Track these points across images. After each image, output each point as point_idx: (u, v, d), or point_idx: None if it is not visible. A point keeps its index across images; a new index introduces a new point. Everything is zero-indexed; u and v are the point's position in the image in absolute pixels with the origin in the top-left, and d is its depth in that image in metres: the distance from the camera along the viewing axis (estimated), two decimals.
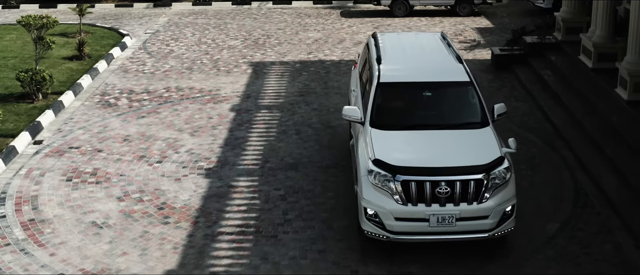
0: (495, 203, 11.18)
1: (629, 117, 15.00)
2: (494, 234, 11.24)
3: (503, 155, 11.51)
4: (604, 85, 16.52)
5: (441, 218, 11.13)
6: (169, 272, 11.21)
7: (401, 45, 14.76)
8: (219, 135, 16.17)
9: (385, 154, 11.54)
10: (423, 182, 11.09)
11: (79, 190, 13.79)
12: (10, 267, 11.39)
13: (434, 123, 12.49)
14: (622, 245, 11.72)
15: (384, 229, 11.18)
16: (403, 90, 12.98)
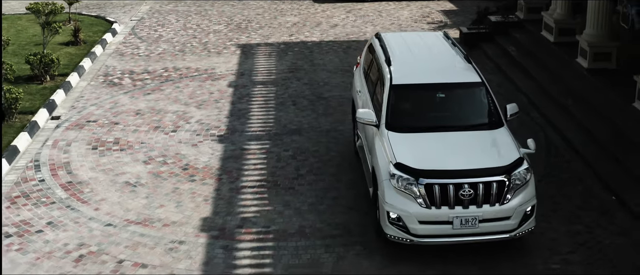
0: (517, 204, 11.27)
1: (589, 83, 17.01)
2: (515, 234, 11.36)
3: (522, 156, 11.65)
4: (565, 57, 18.50)
5: (464, 220, 11.18)
6: (205, 219, 12.84)
7: (407, 46, 14.58)
8: (222, 107, 17.76)
9: (407, 158, 11.53)
10: (446, 185, 11.14)
11: (106, 156, 15.30)
12: (61, 220, 12.90)
13: (449, 124, 12.51)
14: (592, 186, 13.68)
15: (407, 232, 11.26)
16: (416, 92, 12.95)
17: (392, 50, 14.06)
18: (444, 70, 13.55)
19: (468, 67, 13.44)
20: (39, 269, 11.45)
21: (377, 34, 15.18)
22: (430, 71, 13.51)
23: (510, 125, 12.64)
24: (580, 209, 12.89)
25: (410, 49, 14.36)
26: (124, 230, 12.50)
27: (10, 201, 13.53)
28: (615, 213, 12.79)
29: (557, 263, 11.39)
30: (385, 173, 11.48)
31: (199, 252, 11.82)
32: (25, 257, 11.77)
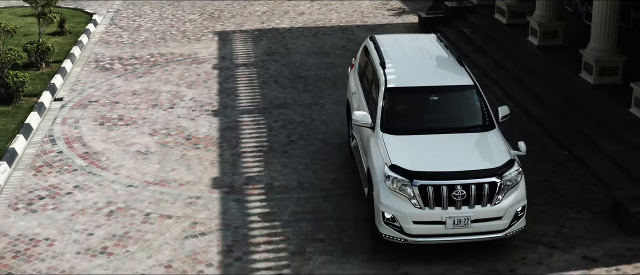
0: (508, 204, 11.61)
1: (540, 58, 19.22)
2: (506, 233, 11.72)
3: (513, 158, 12.01)
4: (517, 37, 20.70)
5: (457, 220, 11.51)
6: (215, 178, 14.67)
7: (402, 48, 14.89)
8: (211, 87, 19.55)
9: (401, 159, 11.85)
10: (439, 186, 11.46)
11: (114, 130, 17.00)
12: (86, 184, 14.61)
13: (443, 127, 12.85)
14: (548, 145, 15.84)
15: (402, 232, 11.59)
16: (410, 94, 13.28)
17: (387, 52, 14.37)
18: (437, 73, 13.94)
19: (460, 70, 13.78)
20: (76, 223, 13.16)
21: (372, 36, 15.50)
22: (424, 74, 13.84)
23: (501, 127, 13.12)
24: (539, 163, 15.00)
25: (404, 52, 14.66)
26: (145, 190, 14.27)
27: (35, 170, 15.17)
28: (567, 165, 14.94)
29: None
30: (380, 174, 11.79)
31: (215, 205, 13.65)
32: (61, 215, 13.46)
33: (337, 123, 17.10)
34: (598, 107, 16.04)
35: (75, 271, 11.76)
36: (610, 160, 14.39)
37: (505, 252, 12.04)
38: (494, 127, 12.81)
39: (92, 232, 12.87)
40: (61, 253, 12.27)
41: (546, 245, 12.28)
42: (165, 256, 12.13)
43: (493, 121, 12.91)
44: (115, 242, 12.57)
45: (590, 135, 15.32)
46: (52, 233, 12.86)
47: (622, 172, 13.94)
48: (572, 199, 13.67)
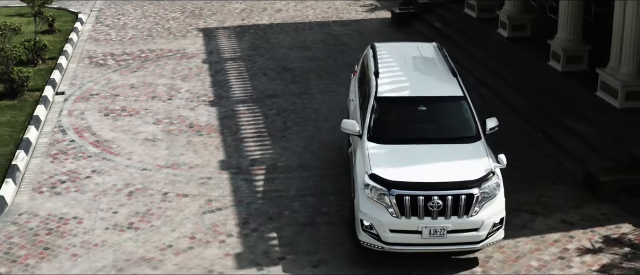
0: (485, 216, 11.66)
1: (510, 49, 20.79)
2: (483, 245, 11.86)
3: (493, 170, 12.06)
4: (488, 30, 22.26)
5: (433, 230, 11.58)
6: (222, 161, 15.93)
7: (398, 57, 15.21)
8: (204, 80, 20.77)
9: (381, 169, 12.00)
10: (416, 196, 11.57)
11: (119, 121, 18.15)
12: (103, 168, 15.77)
13: (429, 137, 12.97)
14: (522, 127, 17.37)
15: (379, 240, 11.74)
16: (399, 104, 13.44)
17: (383, 61, 14.71)
18: (428, 83, 14.10)
19: (452, 80, 13.91)
20: (100, 203, 14.34)
21: (372, 44, 15.82)
22: (415, 84, 14.02)
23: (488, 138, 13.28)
24: (515, 143, 16.49)
25: (400, 61, 14.98)
26: (159, 172, 15.49)
27: (52, 157, 16.28)
28: (541, 144, 16.49)
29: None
30: (361, 182, 11.97)
31: (226, 184, 14.93)
32: (85, 196, 14.63)
33: (326, 110, 18.45)
34: (567, 92, 17.62)
35: (108, 244, 12.94)
36: (580, 138, 15.94)
37: None
38: (480, 139, 12.88)
39: (116, 210, 14.05)
40: (91, 229, 13.44)
41: (528, 212, 13.77)
42: (188, 229, 13.37)
43: (479, 132, 12.97)
44: (139, 218, 13.77)
45: (561, 117, 16.87)
46: (79, 212, 14.02)
47: (591, 149, 15.50)
48: (548, 173, 15.20)
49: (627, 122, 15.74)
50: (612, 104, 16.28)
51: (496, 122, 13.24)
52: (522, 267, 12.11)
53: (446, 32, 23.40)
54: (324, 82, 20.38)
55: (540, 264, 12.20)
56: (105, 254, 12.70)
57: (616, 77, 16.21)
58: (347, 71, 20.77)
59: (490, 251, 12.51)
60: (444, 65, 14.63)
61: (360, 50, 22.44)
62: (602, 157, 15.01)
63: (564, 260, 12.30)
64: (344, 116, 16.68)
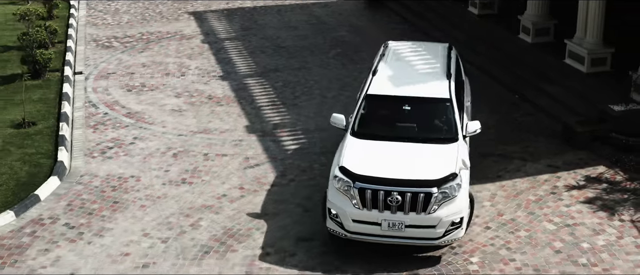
0: (443, 215, 12.09)
1: (481, 25, 23.35)
2: (441, 241, 12.28)
3: (457, 171, 12.44)
4: (458, 9, 24.76)
5: (392, 224, 12.13)
6: (247, 126, 18.04)
7: (402, 56, 15.80)
8: (209, 58, 22.79)
9: (351, 163, 12.68)
10: (377, 190, 12.17)
11: (143, 95, 20.10)
12: (143, 135, 17.74)
13: (408, 136, 13.45)
14: (500, 91, 19.91)
15: (343, 228, 12.41)
16: (386, 102, 14.00)
17: (387, 60, 15.45)
18: (419, 83, 14.43)
19: (444, 82, 14.35)
20: (150, 164, 16.35)
21: (385, 43, 16.61)
22: (405, 84, 14.41)
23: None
24: (497, 105, 19.02)
25: (403, 60, 15.60)
26: (194, 137, 17.56)
27: (92, 128, 18.18)
28: (520, 104, 19.06)
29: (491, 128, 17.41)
30: (332, 174, 12.73)
31: (257, 144, 17.09)
32: (134, 159, 16.63)
33: (326, 82, 20.69)
34: (538, 60, 20.24)
35: (169, 196, 15.02)
36: (553, 99, 18.54)
37: (491, 164, 15.96)
38: (457, 141, 13.32)
39: (167, 169, 16.12)
40: (150, 185, 15.49)
41: (519, 159, 16.28)
42: (235, 182, 15.52)
43: (458, 134, 13.43)
44: (190, 174, 15.86)
45: (534, 81, 19.47)
46: (135, 172, 16.04)
47: (564, 107, 18.10)
48: (530, 127, 17.76)
49: (594, 84, 18.41)
50: (580, 69, 18.93)
51: (478, 125, 13.75)
52: (523, 201, 14.60)
53: (420, 12, 25.79)
54: (317, 57, 22.61)
55: (537, 198, 14.71)
56: (170, 204, 14.77)
57: (582, 46, 18.86)
58: (335, 48, 23.13)
59: (494, 190, 14.98)
60: (443, 67, 15.09)
61: (342, 28, 24.95)
62: (574, 114, 17.60)
63: (555, 194, 14.84)
64: (343, 87, 19.04)
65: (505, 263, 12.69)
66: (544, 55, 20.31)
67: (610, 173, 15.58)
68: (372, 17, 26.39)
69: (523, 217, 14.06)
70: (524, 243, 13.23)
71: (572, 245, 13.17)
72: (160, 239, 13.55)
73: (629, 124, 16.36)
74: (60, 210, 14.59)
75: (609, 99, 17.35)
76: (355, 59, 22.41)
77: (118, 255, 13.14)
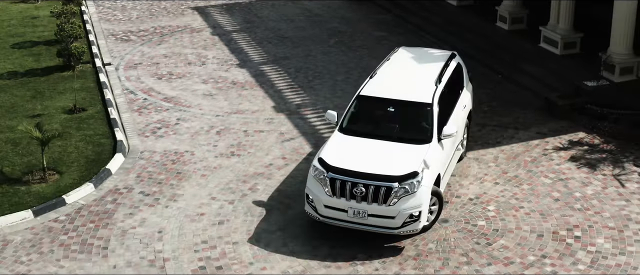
0: (401, 208, 13.11)
1: (460, 15, 25.79)
2: (399, 231, 13.33)
3: (419, 170, 13.37)
4: (439, 1, 27.17)
5: (356, 211, 13.29)
6: (274, 106, 20.14)
7: (404, 61, 16.64)
8: (222, 48, 24.81)
9: (329, 155, 13.90)
10: (345, 181, 13.37)
11: (173, 82, 22.07)
12: (184, 116, 19.72)
13: (388, 135, 14.37)
14: (485, 72, 22.39)
15: (316, 212, 13.68)
16: (374, 103, 14.90)
17: (389, 64, 16.34)
18: (407, 88, 15.20)
19: (430, 88, 15.01)
20: (199, 141, 18.38)
21: (395, 48, 17.48)
22: (395, 87, 15.22)
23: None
24: (484, 84, 21.42)
25: (402, 65, 16.43)
26: (230, 117, 19.64)
27: (137, 112, 20.11)
28: (504, 83, 21.56)
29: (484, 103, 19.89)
30: (312, 164, 14.11)
31: (287, 122, 19.22)
32: (183, 137, 18.65)
33: (333, 67, 22.89)
34: (515, 45, 22.78)
35: (224, 166, 17.12)
36: (533, 77, 21.07)
37: (489, 133, 18.38)
38: (430, 142, 14.19)
39: (215, 144, 18.20)
40: (204, 158, 17.57)
41: (512, 128, 18.76)
42: (277, 153, 17.69)
43: (432, 137, 14.26)
44: (236, 148, 17.97)
45: (514, 63, 22.00)
46: (187, 147, 18.09)
47: (542, 84, 20.64)
48: (516, 102, 20.25)
49: (567, 64, 21.02)
50: (554, 52, 21.53)
51: (453, 130, 14.49)
52: (521, 162, 17.09)
53: (402, 3, 28.15)
54: (319, 46, 24.80)
55: (532, 159, 17.21)
56: (226, 173, 16.89)
57: (556, 31, 21.45)
58: (333, 37, 25.31)
59: (496, 153, 17.43)
60: (436, 74, 15.64)
61: (334, 20, 27.17)
62: (553, 90, 20.14)
63: (546, 156, 17.36)
64: (348, 71, 21.26)
65: (516, 209, 15.14)
66: (520, 40, 22.85)
67: (589, 137, 18.15)
68: (358, 9, 28.65)
69: (523, 174, 16.53)
70: (528, 194, 15.70)
71: (567, 194, 15.69)
72: (227, 201, 15.67)
73: (601, 97, 18.97)
74: (131, 181, 16.59)
75: (582, 76, 19.95)
76: (353, 47, 24.64)
77: (195, 215, 15.23)
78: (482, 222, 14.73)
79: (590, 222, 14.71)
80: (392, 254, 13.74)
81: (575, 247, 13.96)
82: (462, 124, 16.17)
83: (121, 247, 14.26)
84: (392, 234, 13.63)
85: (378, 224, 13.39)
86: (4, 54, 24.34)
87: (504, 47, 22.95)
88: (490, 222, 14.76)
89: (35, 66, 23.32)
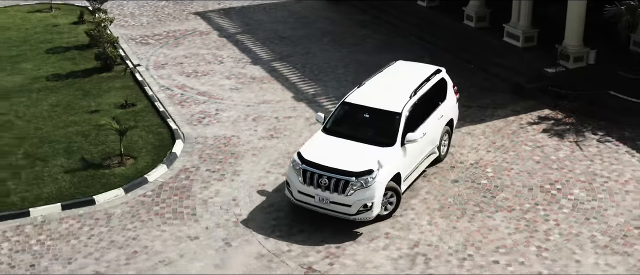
0: (356, 198, 15.11)
1: (430, 14, 29.15)
2: (354, 218, 15.38)
3: (374, 168, 15.23)
4: (409, 1, 30.48)
5: (321, 198, 15.41)
6: (293, 96, 23.02)
7: (393, 74, 18.32)
8: (233, 48, 27.56)
9: (307, 150, 15.95)
10: (313, 173, 15.47)
11: (200, 79, 24.80)
12: (221, 107, 22.52)
13: (358, 137, 16.21)
14: (459, 63, 25.83)
15: (292, 196, 15.94)
16: (355, 109, 16.79)
17: (379, 75, 18.23)
18: (384, 98, 16.84)
19: (403, 99, 16.64)
20: (240, 127, 21.24)
21: (392, 62, 19.37)
22: (375, 97, 16.93)
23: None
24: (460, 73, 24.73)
25: (390, 77, 18.09)
26: (260, 106, 22.53)
27: (179, 105, 22.84)
28: (476, 72, 25.02)
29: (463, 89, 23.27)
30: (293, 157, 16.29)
31: (309, 109, 22.17)
32: (225, 124, 21.45)
33: (333, 62, 25.89)
34: (482, 40, 26.26)
35: (268, 147, 20.07)
36: (501, 66, 24.58)
37: (474, 112, 21.76)
38: (393, 145, 15.93)
39: (255, 129, 21.12)
40: (250, 140, 20.45)
41: (491, 108, 22.18)
42: (308, 134, 20.54)
43: (395, 141, 16.00)
44: (273, 132, 20.90)
45: (483, 55, 25.48)
46: (232, 132, 20.95)
47: (511, 72, 24.17)
48: (489, 87, 23.72)
49: (528, 55, 24.60)
50: (516, 45, 25.10)
51: (418, 136, 16.29)
52: (504, 134, 20.53)
53: (376, 5, 31.33)
54: (315, 44, 27.80)
55: (512, 131, 20.68)
56: (271, 151, 19.88)
57: (517, 27, 25.01)
58: (324, 36, 28.15)
59: (483, 128, 20.84)
60: (415, 86, 17.25)
61: (320, 21, 30.12)
62: (519, 76, 23.68)
63: (523, 129, 20.85)
64: (346, 65, 24.34)
65: (508, 171, 18.59)
66: (486, 36, 26.36)
67: (553, 113, 21.73)
68: (338, 10, 31.70)
69: (508, 143, 20.01)
70: (515, 158, 19.18)
71: (545, 158, 19.21)
72: (279, 174, 18.66)
73: (560, 80, 22.59)
74: (196, 161, 19.46)
75: (542, 64, 23.55)
76: (343, 44, 27.69)
77: (257, 185, 18.21)
78: (484, 181, 18.13)
79: (566, 177, 18.25)
80: (422, 207, 17.00)
81: (558, 196, 17.47)
82: (438, 132, 17.75)
83: (206, 213, 17.15)
84: (348, 219, 15.67)
85: (337, 210, 15.45)
86: (42, 59, 26.62)
87: (472, 42, 26.40)
88: (490, 180, 18.17)
89: (74, 69, 25.67)
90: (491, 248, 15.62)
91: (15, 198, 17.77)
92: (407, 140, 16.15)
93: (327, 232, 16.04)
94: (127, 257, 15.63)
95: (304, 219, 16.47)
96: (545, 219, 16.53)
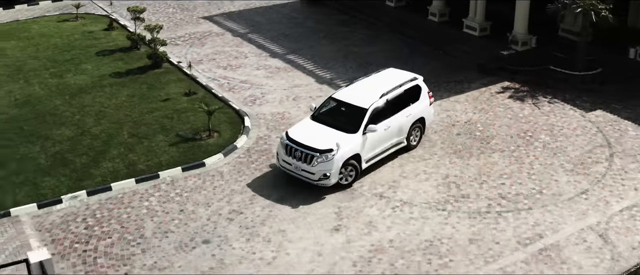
0: (318, 169, 19.06)
1: (398, 13, 35.08)
2: (317, 183, 19.36)
3: (334, 148, 19.07)
4: (377, 3, 36.32)
5: (295, 167, 19.38)
6: (316, 81, 28.48)
7: (379, 78, 21.63)
8: (250, 46, 32.39)
9: (293, 131, 19.87)
10: (292, 147, 19.43)
11: (236, 71, 29.72)
12: (263, 91, 27.91)
13: (334, 124, 19.93)
14: (426, 50, 31.96)
15: (279, 163, 20.05)
16: (337, 103, 20.56)
17: (368, 77, 21.99)
18: (360, 96, 20.44)
19: (373, 98, 20.25)
20: (286, 105, 26.53)
21: (385, 69, 22.87)
22: (353, 95, 20.60)
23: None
24: (432, 58, 30.90)
25: (375, 81, 21.40)
26: (293, 89, 27.77)
27: (230, 91, 27.85)
28: (444, 56, 31.14)
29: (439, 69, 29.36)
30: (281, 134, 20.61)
31: (332, 89, 27.48)
32: (274, 103, 26.76)
33: (336, 52, 31.16)
34: (444, 32, 32.43)
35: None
36: (463, 51, 30.80)
37: (454, 86, 27.86)
38: (356, 133, 19.68)
39: (298, 106, 26.37)
40: (299, 115, 25.59)
41: (464, 83, 28.34)
42: None
43: (359, 129, 19.66)
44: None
45: (447, 43, 31.68)
46: (282, 109, 26.19)
47: (473, 55, 30.40)
48: (457, 67, 29.79)
49: (485, 42, 30.92)
50: (474, 34, 31.44)
51: (377, 128, 19.91)
52: (480, 101, 26.73)
53: (350, 5, 36.97)
54: (314, 39, 32.97)
55: (486, 98, 26.88)
56: None
57: (474, 21, 31.37)
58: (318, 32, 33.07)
59: (464, 98, 26.97)
60: (388, 89, 20.82)
61: (307, 20, 34.64)
62: (480, 58, 29.97)
63: (493, 96, 27.07)
64: (346, 55, 29.74)
65: (492, 125, 24.81)
66: (449, 29, 32.56)
67: (512, 84, 28.11)
68: (319, 11, 36.87)
69: (486, 107, 26.28)
70: (494, 117, 25.42)
71: (515, 115, 25.55)
72: None
73: (513, 60, 29.05)
74: (266, 131, 24.58)
75: (497, 48, 29.95)
76: (338, 38, 32.86)
77: None
78: (478, 133, 24.34)
79: (534, 127, 24.67)
80: (442, 153, 23.01)
81: (531, 140, 23.85)
82: (405, 127, 21.14)
83: None
84: (312, 184, 19.89)
85: (305, 176, 19.58)
86: (96, 61, 30.83)
87: (437, 34, 32.55)
88: (482, 132, 24.41)
89: (129, 67, 30.06)
90: (497, 175, 21.82)
91: (142, 166, 22.62)
92: (368, 130, 19.85)
93: (390, 175, 21.80)
94: (249, 198, 20.91)
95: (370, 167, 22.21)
96: (527, 156, 22.85)
